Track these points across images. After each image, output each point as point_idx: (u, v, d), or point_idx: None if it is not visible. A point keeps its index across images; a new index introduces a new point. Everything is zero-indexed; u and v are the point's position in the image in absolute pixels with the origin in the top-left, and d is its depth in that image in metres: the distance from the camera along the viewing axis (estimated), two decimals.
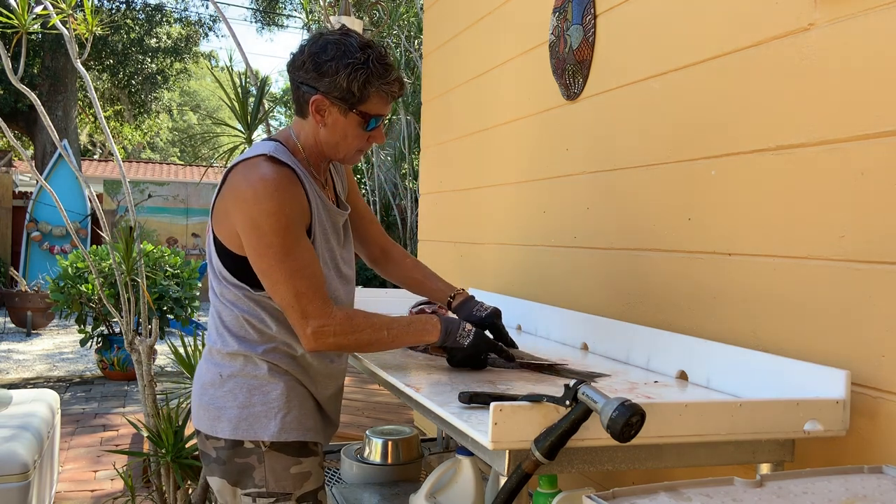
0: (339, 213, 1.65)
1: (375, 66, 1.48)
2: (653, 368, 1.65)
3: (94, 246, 7.11)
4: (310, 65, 1.49)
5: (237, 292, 1.54)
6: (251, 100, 2.80)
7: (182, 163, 21.64)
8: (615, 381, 1.52)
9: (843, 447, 1.34)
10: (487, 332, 1.63)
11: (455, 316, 1.71)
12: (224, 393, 1.55)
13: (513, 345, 1.66)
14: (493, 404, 1.05)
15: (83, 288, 6.01)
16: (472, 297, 1.73)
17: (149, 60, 15.56)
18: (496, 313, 1.67)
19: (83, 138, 18.87)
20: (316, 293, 1.47)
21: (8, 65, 2.83)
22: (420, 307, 1.92)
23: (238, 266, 1.52)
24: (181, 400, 2.94)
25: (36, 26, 2.98)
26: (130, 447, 4.45)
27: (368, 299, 2.43)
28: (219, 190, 1.54)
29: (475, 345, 1.54)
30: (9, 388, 3.66)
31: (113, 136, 13.18)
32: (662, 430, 1.12)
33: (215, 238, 1.55)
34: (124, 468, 3.28)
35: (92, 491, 3.81)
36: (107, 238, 3.10)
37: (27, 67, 12.77)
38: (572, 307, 2.13)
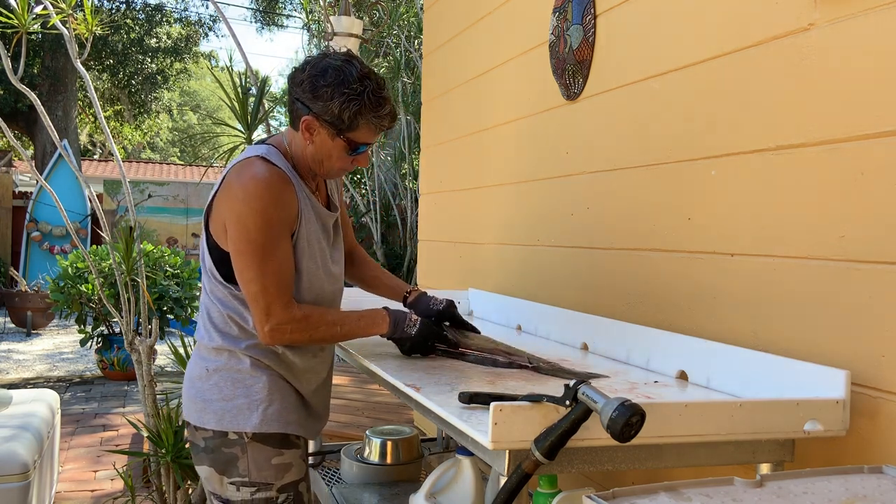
0: (330, 214, 1.73)
1: (370, 98, 1.53)
2: (653, 368, 1.65)
3: (94, 246, 7.11)
4: (307, 85, 1.54)
5: (224, 290, 1.62)
6: (251, 100, 2.80)
7: (182, 163, 21.64)
8: (615, 381, 1.52)
9: (843, 447, 1.34)
10: (447, 323, 1.77)
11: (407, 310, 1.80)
12: (210, 386, 1.63)
13: (474, 330, 1.79)
14: (493, 404, 1.05)
15: (83, 288, 6.00)
16: (426, 293, 1.84)
17: (149, 60, 15.55)
18: (451, 304, 1.79)
19: (83, 138, 18.86)
20: (282, 294, 1.55)
21: (8, 65, 2.83)
22: None
23: (227, 264, 1.59)
24: (181, 400, 2.94)
25: (36, 26, 2.97)
26: (130, 447, 4.45)
27: (370, 299, 2.42)
28: (216, 190, 1.61)
29: (421, 332, 1.66)
30: (9, 388, 3.65)
31: (113, 136, 13.16)
32: (662, 430, 1.12)
33: (209, 235, 1.61)
34: (124, 468, 3.28)
35: (92, 491, 3.81)
36: (107, 238, 3.10)
37: (27, 67, 12.76)
38: (572, 307, 2.13)
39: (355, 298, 2.20)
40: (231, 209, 1.54)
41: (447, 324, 1.76)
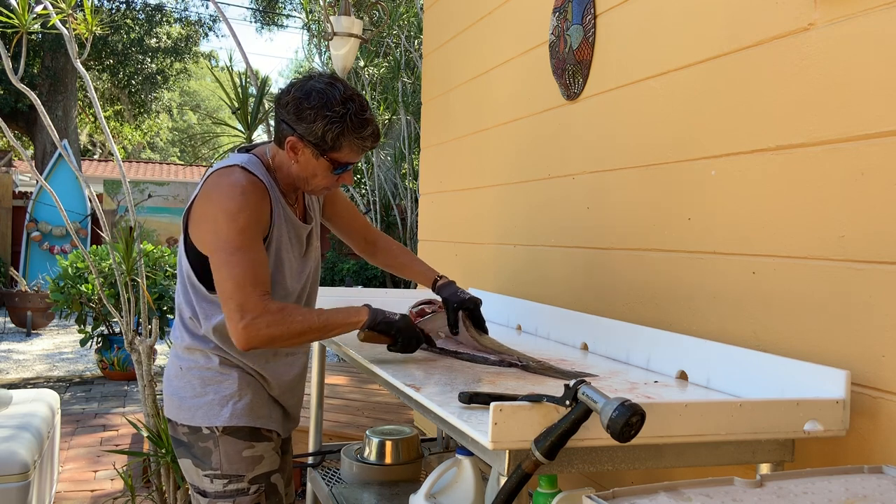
0: (304, 226, 1.77)
1: (352, 120, 1.57)
2: (653, 368, 1.65)
3: (94, 246, 7.10)
4: (292, 107, 1.59)
5: (195, 293, 1.67)
6: (251, 100, 2.80)
7: (182, 163, 21.63)
8: (615, 381, 1.52)
9: (843, 447, 1.34)
10: (463, 312, 1.79)
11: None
12: (184, 384, 1.71)
13: (485, 331, 1.81)
14: (493, 404, 1.05)
15: (83, 288, 6.00)
16: (454, 283, 1.88)
17: (149, 60, 15.54)
18: (477, 299, 1.81)
19: (83, 138, 18.85)
20: (256, 289, 1.52)
21: (8, 65, 2.83)
22: (420, 307, 1.93)
23: (203, 267, 1.63)
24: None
25: (36, 26, 2.98)
26: (130, 447, 4.45)
27: (370, 299, 2.41)
28: (196, 193, 1.66)
29: (405, 318, 1.63)
30: (9, 388, 3.65)
31: (113, 136, 13.17)
32: (662, 430, 1.12)
33: (187, 238, 1.66)
34: (124, 468, 3.28)
35: (92, 491, 3.81)
36: (107, 238, 3.10)
37: (27, 67, 12.76)
38: (572, 307, 2.13)
39: (365, 300, 2.20)
40: (208, 211, 1.60)
41: (463, 313, 1.80)
